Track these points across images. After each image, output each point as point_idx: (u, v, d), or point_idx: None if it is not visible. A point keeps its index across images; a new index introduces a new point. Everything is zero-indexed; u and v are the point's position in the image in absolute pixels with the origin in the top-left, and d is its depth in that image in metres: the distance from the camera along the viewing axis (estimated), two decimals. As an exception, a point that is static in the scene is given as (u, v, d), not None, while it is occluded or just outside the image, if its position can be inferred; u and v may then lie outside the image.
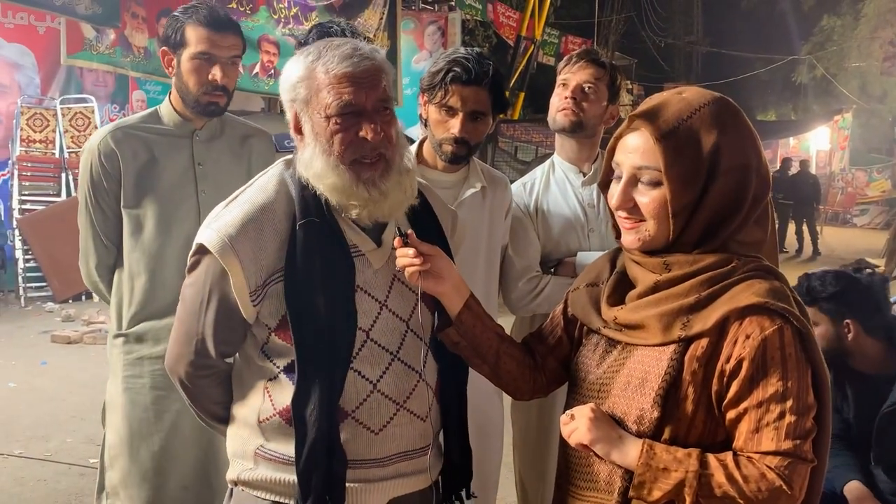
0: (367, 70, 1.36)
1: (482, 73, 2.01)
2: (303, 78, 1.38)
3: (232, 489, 1.51)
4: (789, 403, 1.18)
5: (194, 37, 2.12)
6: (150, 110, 2.29)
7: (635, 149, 1.29)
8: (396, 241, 1.39)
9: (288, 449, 1.39)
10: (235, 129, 2.34)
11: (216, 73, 2.13)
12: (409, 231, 1.41)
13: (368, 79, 1.36)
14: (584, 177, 2.30)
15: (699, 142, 1.24)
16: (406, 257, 1.38)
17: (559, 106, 2.25)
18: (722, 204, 1.25)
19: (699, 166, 1.24)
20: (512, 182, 2.41)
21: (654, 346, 1.27)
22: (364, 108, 1.36)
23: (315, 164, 1.37)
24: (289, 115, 1.44)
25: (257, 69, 8.20)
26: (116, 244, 2.21)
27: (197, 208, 2.20)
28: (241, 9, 7.81)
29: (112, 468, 2.25)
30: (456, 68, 2.01)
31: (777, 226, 1.44)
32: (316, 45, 1.40)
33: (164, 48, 2.19)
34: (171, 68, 2.19)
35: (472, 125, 2.05)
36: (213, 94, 2.16)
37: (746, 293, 1.22)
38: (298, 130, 1.43)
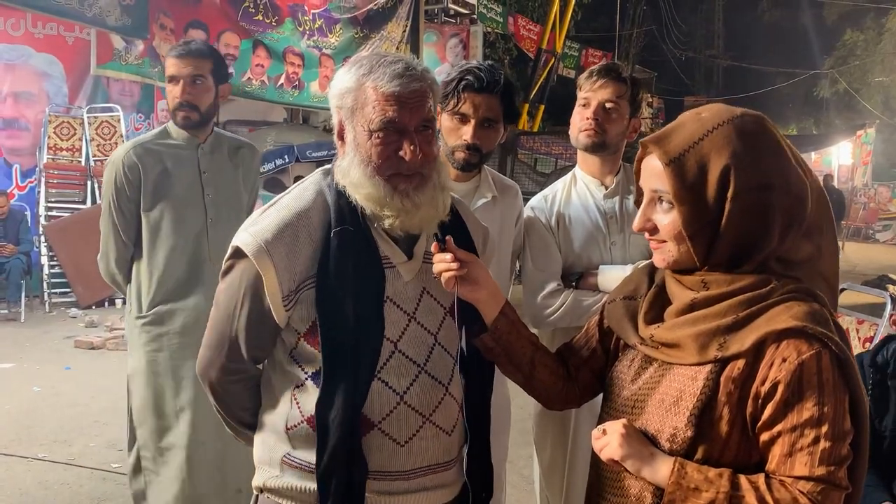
0: (415, 92, 1.38)
1: (494, 82, 2.07)
2: (352, 89, 1.40)
3: (258, 495, 1.52)
4: (824, 429, 1.16)
5: (168, 65, 2.64)
6: (160, 128, 2.76)
7: (651, 172, 1.29)
8: (434, 247, 1.41)
9: (314, 457, 1.40)
10: (229, 142, 2.83)
11: (176, 91, 2.60)
12: (448, 237, 1.42)
13: (414, 100, 1.38)
14: (607, 189, 2.30)
15: (708, 165, 1.23)
16: (443, 262, 1.39)
17: (581, 126, 2.25)
18: (744, 226, 1.23)
19: (708, 190, 1.23)
20: (532, 195, 2.43)
21: (689, 365, 1.26)
22: (406, 127, 1.38)
23: (352, 173, 1.40)
24: (335, 121, 1.47)
25: (282, 80, 8.28)
26: (134, 242, 2.67)
27: (203, 209, 2.68)
28: (267, 21, 7.90)
29: (141, 426, 2.72)
30: (468, 76, 2.06)
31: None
32: (369, 57, 1.43)
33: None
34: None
35: (483, 132, 2.09)
36: (182, 110, 2.63)
37: (784, 316, 1.20)
38: (341, 137, 1.46)
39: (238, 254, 1.42)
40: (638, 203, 1.36)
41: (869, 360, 2.58)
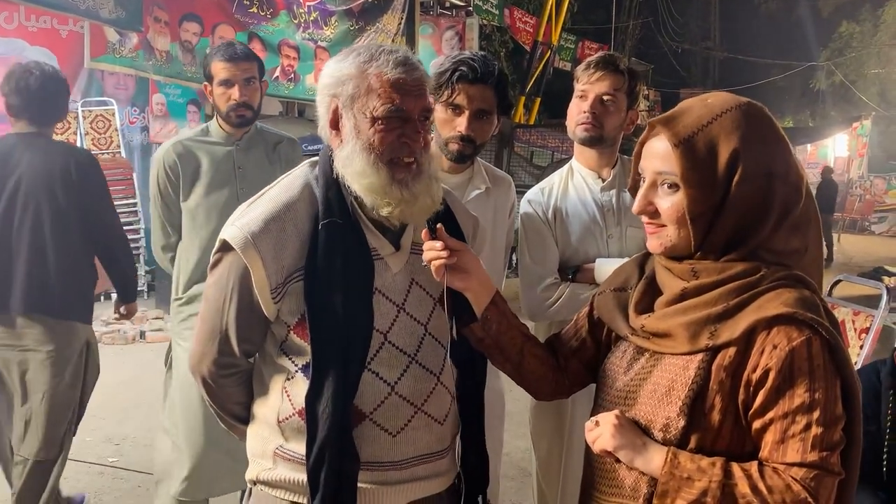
0: (417, 80, 1.40)
1: (488, 73, 2.07)
2: (353, 76, 1.40)
3: (251, 488, 1.53)
4: (816, 414, 1.17)
5: (217, 69, 2.81)
6: (201, 126, 2.99)
7: (656, 154, 1.29)
8: (424, 234, 1.40)
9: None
10: (268, 138, 3.01)
11: (233, 93, 2.78)
12: (439, 225, 1.41)
13: (417, 88, 1.39)
14: (604, 182, 2.29)
15: (717, 148, 1.24)
16: (433, 250, 1.39)
17: (578, 120, 2.24)
18: (745, 212, 1.24)
19: (716, 172, 1.24)
20: (528, 188, 2.42)
21: (681, 354, 1.26)
22: (410, 115, 1.39)
23: (355, 161, 1.39)
24: (322, 110, 1.46)
25: (277, 73, 8.26)
26: (178, 230, 2.90)
27: (237, 202, 2.65)
28: (262, 13, 7.87)
29: (172, 409, 2.87)
30: (462, 67, 2.06)
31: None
32: (367, 46, 1.43)
33: (205, 83, 2.92)
34: (210, 96, 2.89)
35: (477, 123, 2.09)
36: (239, 109, 2.82)
37: (775, 303, 1.21)
38: (334, 126, 1.45)
39: (225, 247, 1.42)
40: (633, 188, 1.36)
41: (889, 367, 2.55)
